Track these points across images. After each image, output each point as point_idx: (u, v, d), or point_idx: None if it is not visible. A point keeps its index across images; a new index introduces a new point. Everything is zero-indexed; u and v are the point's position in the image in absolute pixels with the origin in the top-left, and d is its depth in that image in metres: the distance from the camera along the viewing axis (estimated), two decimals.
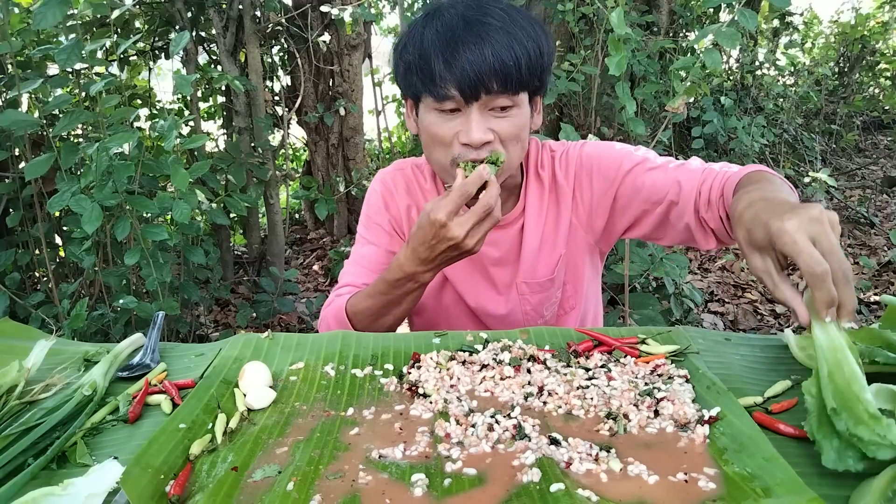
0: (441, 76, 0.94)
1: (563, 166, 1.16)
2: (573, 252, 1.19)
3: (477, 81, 0.93)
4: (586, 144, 1.18)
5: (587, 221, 1.17)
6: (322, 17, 3.43)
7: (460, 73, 0.93)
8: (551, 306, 1.21)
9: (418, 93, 1.00)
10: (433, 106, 0.99)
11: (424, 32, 0.97)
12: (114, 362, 0.91)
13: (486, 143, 0.97)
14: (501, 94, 0.95)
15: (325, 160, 3.93)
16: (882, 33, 5.85)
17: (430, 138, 1.02)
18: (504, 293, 1.20)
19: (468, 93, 0.94)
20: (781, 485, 0.58)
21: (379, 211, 1.21)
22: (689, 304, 2.65)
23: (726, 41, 1.61)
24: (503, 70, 0.93)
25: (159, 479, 0.64)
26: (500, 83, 0.94)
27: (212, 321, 3.07)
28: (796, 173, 4.41)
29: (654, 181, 1.06)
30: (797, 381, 0.80)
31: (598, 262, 1.26)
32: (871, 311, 2.97)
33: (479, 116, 0.96)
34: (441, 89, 0.95)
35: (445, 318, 1.25)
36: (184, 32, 1.94)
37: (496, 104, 0.96)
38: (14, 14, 2.09)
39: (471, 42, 0.92)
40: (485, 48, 0.92)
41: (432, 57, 0.94)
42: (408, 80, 1.01)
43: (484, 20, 0.94)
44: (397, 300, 1.03)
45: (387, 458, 0.67)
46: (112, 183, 1.74)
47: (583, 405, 0.76)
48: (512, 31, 0.94)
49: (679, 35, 3.79)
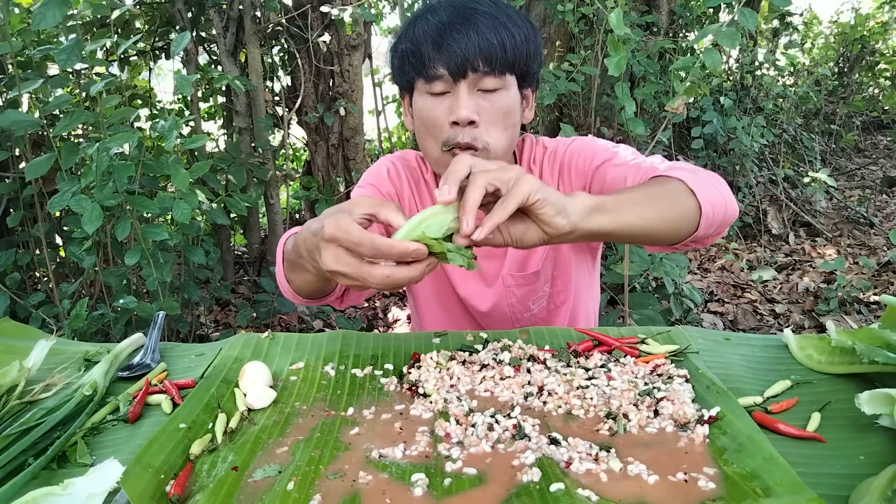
0: (430, 58, 0.99)
1: (550, 162, 1.19)
2: (559, 246, 1.20)
3: (464, 59, 0.97)
4: (575, 140, 1.19)
5: None
6: (322, 18, 3.43)
7: (448, 52, 0.97)
8: (538, 300, 1.22)
9: (411, 80, 1.05)
10: (425, 89, 1.03)
11: (417, 24, 1.02)
12: (114, 362, 0.91)
13: (471, 122, 1.00)
14: (488, 75, 0.99)
15: (325, 160, 3.93)
16: (882, 33, 5.85)
17: (423, 122, 1.05)
18: (490, 284, 1.21)
19: (455, 70, 0.98)
20: (781, 485, 0.58)
21: (380, 178, 1.22)
22: (689, 304, 2.65)
23: (726, 41, 1.61)
24: (489, 49, 0.97)
25: (159, 479, 0.64)
26: (486, 62, 0.98)
27: (212, 321, 3.07)
28: (796, 173, 4.41)
29: (614, 177, 1.07)
30: (797, 381, 0.80)
31: (587, 257, 1.27)
32: (870, 311, 2.97)
33: (466, 94, 0.99)
34: (430, 70, 0.99)
35: (437, 303, 1.26)
36: (184, 33, 1.95)
37: (483, 85, 1.00)
38: (14, 14, 2.09)
39: (458, 25, 0.98)
40: (471, 29, 0.97)
41: (423, 43, 1.00)
42: (402, 70, 1.06)
43: (473, 7, 1.00)
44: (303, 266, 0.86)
45: (387, 458, 0.67)
46: (112, 183, 1.74)
47: (583, 405, 0.76)
48: (499, 16, 1.00)
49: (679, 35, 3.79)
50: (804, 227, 4.08)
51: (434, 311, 1.27)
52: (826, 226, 4.08)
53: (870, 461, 0.64)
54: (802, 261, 3.64)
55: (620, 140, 3.11)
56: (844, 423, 0.71)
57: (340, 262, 0.70)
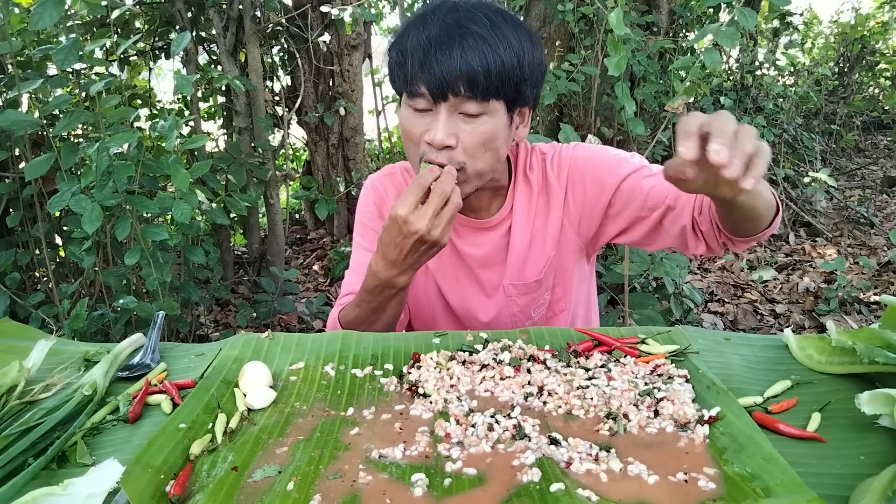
0: (414, 75, 0.97)
1: (554, 168, 1.16)
2: (563, 254, 1.19)
3: (444, 82, 0.94)
4: (578, 147, 1.18)
5: (578, 224, 1.17)
6: (322, 17, 3.43)
7: (429, 73, 0.95)
8: (539, 308, 1.21)
9: (399, 90, 1.04)
10: (408, 102, 1.02)
11: (410, 34, 0.99)
12: (114, 362, 0.91)
13: (446, 146, 0.98)
14: (470, 99, 0.96)
15: (325, 160, 3.93)
16: (882, 33, 5.85)
17: (404, 133, 1.05)
18: (491, 295, 1.20)
19: (436, 92, 0.96)
20: (781, 485, 0.58)
21: (372, 217, 1.22)
22: (689, 304, 2.65)
23: (726, 41, 1.61)
24: (471, 75, 0.94)
25: (159, 479, 0.64)
26: (467, 87, 0.95)
27: (212, 321, 3.07)
28: (796, 173, 4.41)
29: (653, 187, 1.07)
30: (797, 381, 0.80)
31: (586, 264, 1.27)
32: (871, 311, 2.97)
33: (445, 118, 0.97)
34: (413, 87, 0.98)
35: (431, 320, 1.26)
36: (184, 33, 1.95)
37: (465, 109, 0.97)
38: (14, 14, 2.09)
39: (444, 45, 0.94)
40: (455, 51, 0.94)
41: (410, 58, 0.97)
42: (392, 77, 1.05)
43: (465, 25, 0.95)
44: (381, 307, 1.04)
45: (387, 458, 0.67)
46: (112, 183, 1.74)
47: (583, 405, 0.76)
48: (490, 38, 0.95)
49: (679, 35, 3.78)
50: (804, 227, 4.08)
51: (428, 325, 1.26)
52: (826, 226, 4.08)
53: (870, 461, 0.64)
54: (803, 261, 3.64)
55: (621, 140, 3.11)
56: (844, 423, 0.71)
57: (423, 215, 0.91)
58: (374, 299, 1.03)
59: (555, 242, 1.17)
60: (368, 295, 1.03)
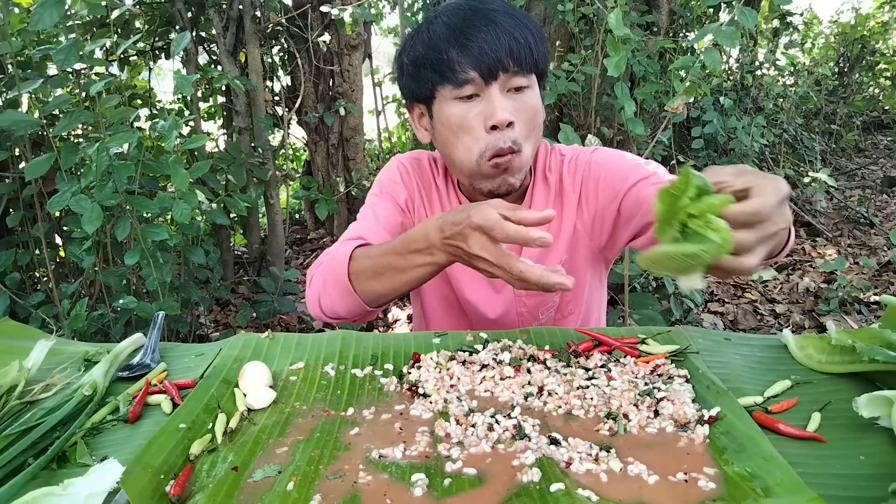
0: (457, 61, 0.97)
1: (571, 171, 1.15)
2: (575, 258, 1.18)
3: (495, 60, 0.95)
4: (597, 151, 1.17)
5: (591, 229, 1.16)
6: (322, 17, 3.43)
7: (478, 53, 0.95)
8: (548, 310, 1.21)
9: (433, 86, 1.01)
10: (452, 95, 0.99)
11: (431, 28, 1.00)
12: (114, 362, 0.91)
13: (510, 123, 0.98)
14: (518, 74, 0.98)
15: (325, 160, 3.93)
16: (882, 33, 5.85)
17: (457, 129, 1.01)
18: (501, 292, 1.20)
19: (486, 71, 0.96)
20: (781, 485, 0.58)
21: (395, 185, 1.18)
22: (689, 304, 2.65)
23: (726, 40, 1.61)
24: (517, 47, 0.96)
25: (159, 479, 0.64)
26: (516, 61, 0.97)
27: (212, 321, 3.07)
28: (796, 173, 4.40)
29: None
30: (797, 381, 0.80)
31: (601, 269, 1.25)
32: (870, 311, 2.97)
33: (500, 96, 0.98)
34: (459, 73, 0.97)
35: (443, 313, 1.24)
36: (184, 33, 1.95)
37: (513, 84, 0.99)
38: (14, 14, 2.09)
39: (481, 25, 0.96)
40: (497, 29, 0.96)
41: (445, 45, 0.97)
42: (418, 77, 1.02)
43: (488, 7, 0.99)
44: (405, 267, 0.91)
45: (387, 458, 0.67)
46: (112, 183, 1.74)
47: (583, 405, 0.76)
48: (515, 15, 0.99)
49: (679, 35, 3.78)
50: (804, 226, 4.08)
51: (440, 318, 1.25)
52: (826, 226, 4.08)
53: (870, 461, 0.64)
54: (803, 261, 3.64)
55: (621, 140, 3.11)
56: (844, 423, 0.71)
57: (486, 249, 0.78)
58: (406, 255, 0.90)
59: (566, 246, 1.16)
60: (405, 246, 0.90)
